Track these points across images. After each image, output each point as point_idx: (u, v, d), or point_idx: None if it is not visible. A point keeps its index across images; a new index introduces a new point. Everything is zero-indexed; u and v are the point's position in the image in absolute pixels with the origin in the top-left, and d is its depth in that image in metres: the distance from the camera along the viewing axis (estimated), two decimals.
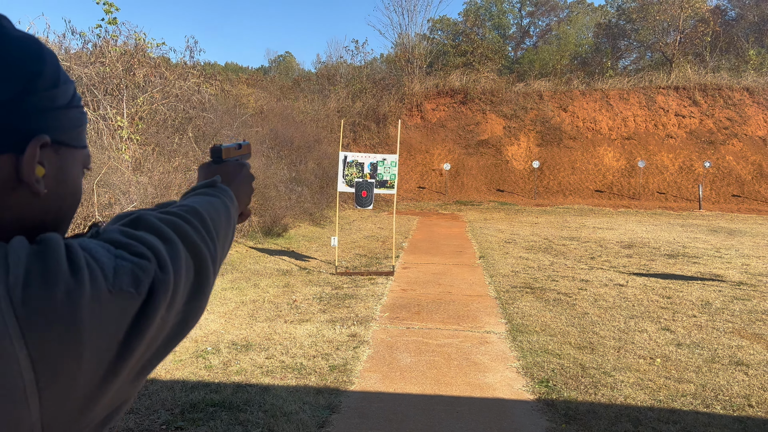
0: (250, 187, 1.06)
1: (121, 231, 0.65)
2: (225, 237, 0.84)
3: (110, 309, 0.56)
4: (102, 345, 0.56)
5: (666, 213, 20.06)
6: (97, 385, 0.56)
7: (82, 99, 0.70)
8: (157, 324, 0.62)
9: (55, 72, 0.65)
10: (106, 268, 0.57)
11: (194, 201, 0.81)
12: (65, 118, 0.66)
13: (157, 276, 0.61)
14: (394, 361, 4.94)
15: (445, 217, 18.43)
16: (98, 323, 0.55)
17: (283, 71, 44.54)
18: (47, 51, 0.65)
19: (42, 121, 0.63)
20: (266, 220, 11.79)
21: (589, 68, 35.06)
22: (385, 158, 8.86)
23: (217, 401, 4.02)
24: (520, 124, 26.87)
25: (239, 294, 7.28)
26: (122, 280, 0.58)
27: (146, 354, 0.62)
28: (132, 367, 0.60)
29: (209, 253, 0.73)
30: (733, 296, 7.42)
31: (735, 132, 25.34)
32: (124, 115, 10.41)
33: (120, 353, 0.58)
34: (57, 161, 0.66)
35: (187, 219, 0.73)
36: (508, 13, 45.06)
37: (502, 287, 7.85)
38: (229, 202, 0.90)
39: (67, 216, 0.70)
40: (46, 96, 0.63)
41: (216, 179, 0.94)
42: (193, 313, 0.70)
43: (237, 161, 1.06)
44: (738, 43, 33.04)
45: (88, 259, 0.57)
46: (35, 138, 0.61)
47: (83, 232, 0.67)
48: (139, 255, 0.61)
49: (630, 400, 4.18)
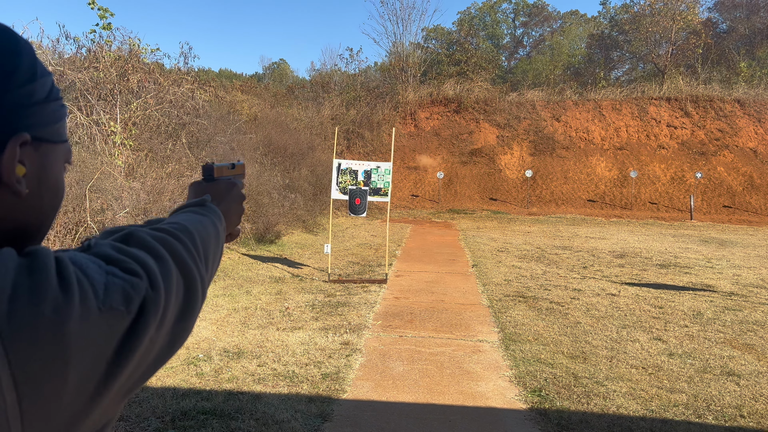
0: (240, 207, 1.04)
1: (113, 246, 0.63)
2: (214, 257, 0.82)
3: (99, 327, 0.54)
4: (89, 364, 0.53)
5: (658, 223, 20.17)
6: (82, 406, 0.54)
7: (60, 91, 0.68)
8: (146, 344, 0.59)
9: (32, 65, 0.62)
10: (96, 285, 0.55)
11: (184, 219, 0.80)
12: (44, 113, 0.63)
13: (148, 294, 0.59)
14: (387, 370, 4.92)
15: (438, 225, 18.45)
16: (86, 342, 0.53)
17: (278, 78, 44.63)
18: (23, 43, 0.62)
19: (20, 118, 0.60)
20: (259, 227, 11.76)
21: (582, 79, 35.35)
22: (379, 166, 8.87)
23: (208, 409, 3.99)
24: (513, 133, 26.99)
25: (231, 301, 7.24)
26: (113, 298, 0.56)
27: (134, 374, 0.60)
28: (119, 387, 0.58)
29: (198, 273, 0.71)
30: (725, 306, 7.46)
31: (726, 143, 25.55)
32: (117, 121, 10.37)
33: (108, 373, 0.55)
34: (38, 159, 0.63)
35: (178, 237, 0.71)
36: (502, 23, 45.38)
37: (495, 296, 7.86)
38: (218, 222, 0.88)
39: (49, 216, 0.68)
40: (23, 91, 0.60)
41: (206, 198, 0.92)
42: (180, 334, 0.67)
43: (229, 180, 1.04)
44: (729, 56, 33.40)
45: (78, 274, 0.54)
46: (14, 136, 0.59)
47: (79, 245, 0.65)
48: (130, 272, 0.59)
49: (622, 409, 4.18)
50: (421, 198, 24.40)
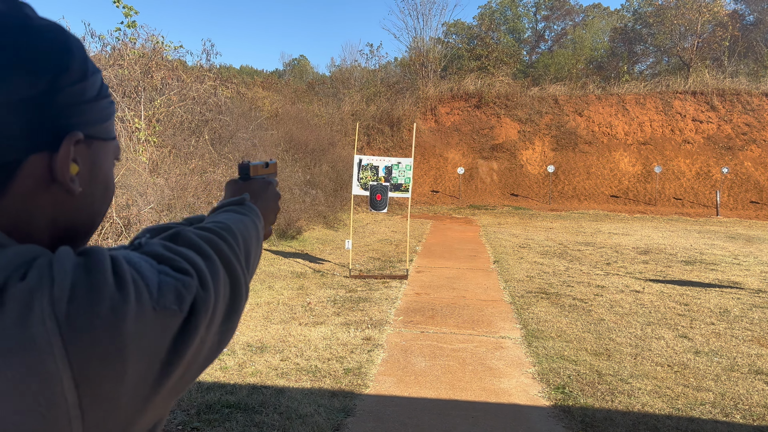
0: (276, 205, 1.04)
1: (164, 245, 0.63)
2: (255, 256, 0.82)
3: (154, 327, 0.54)
4: (145, 364, 0.54)
5: (683, 219, 19.85)
6: (139, 405, 0.54)
7: (108, 88, 0.68)
8: (197, 343, 0.60)
9: (83, 63, 0.62)
10: (151, 284, 0.55)
11: (227, 218, 0.80)
12: (95, 111, 0.63)
13: (198, 293, 0.59)
14: (409, 365, 4.93)
15: (459, 221, 18.38)
16: (142, 342, 0.53)
17: (298, 74, 44.73)
18: (74, 40, 0.61)
19: (73, 116, 0.60)
20: (280, 223, 11.83)
21: (605, 73, 34.85)
22: (399, 161, 8.86)
23: (232, 402, 4.03)
24: (535, 128, 26.74)
25: (254, 296, 7.31)
26: (166, 297, 0.56)
27: (185, 374, 0.60)
28: (172, 387, 0.58)
29: (242, 273, 0.71)
30: (752, 304, 7.32)
31: (753, 138, 25.03)
32: (141, 117, 10.51)
33: (162, 372, 0.56)
34: (90, 157, 0.64)
35: (223, 237, 0.71)
36: (523, 17, 44.90)
37: (517, 292, 7.81)
38: (257, 220, 0.88)
39: (101, 212, 0.68)
40: (75, 90, 0.60)
41: (245, 197, 0.93)
42: (227, 333, 0.68)
43: (264, 179, 1.05)
44: (757, 48, 32.67)
45: (133, 273, 0.54)
46: (68, 135, 0.59)
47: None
48: (182, 271, 0.60)
49: (648, 407, 4.13)
50: (442, 194, 24.32)
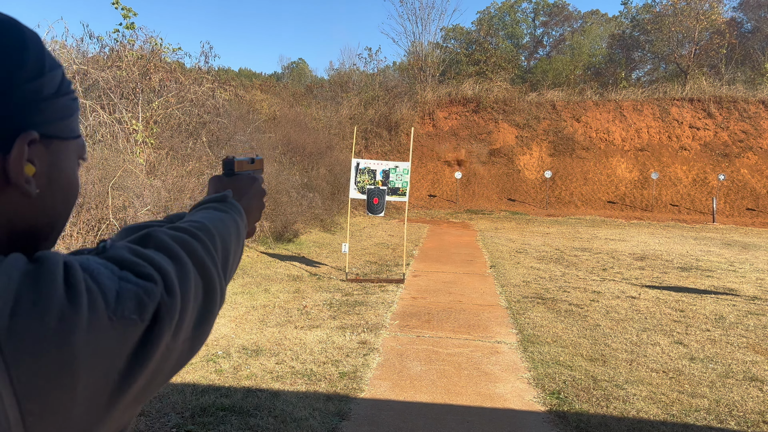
0: (261, 202, 1.01)
1: (129, 248, 0.60)
2: (234, 256, 0.79)
3: (109, 337, 0.51)
4: (99, 377, 0.50)
5: (679, 225, 19.90)
6: (95, 416, 0.51)
7: (71, 84, 0.65)
8: (162, 351, 0.56)
9: (40, 58, 0.58)
10: (108, 292, 0.52)
11: (205, 217, 0.77)
12: (54, 109, 0.60)
13: (163, 300, 0.56)
14: (404, 369, 4.92)
15: (456, 225, 18.39)
16: (95, 353, 0.50)
17: (296, 78, 44.78)
18: (29, 34, 0.58)
19: (28, 115, 0.57)
20: (277, 226, 11.82)
21: (603, 79, 34.97)
22: (397, 165, 8.87)
23: (227, 405, 4.02)
24: (532, 133, 26.80)
25: (250, 299, 7.29)
26: (125, 306, 0.53)
27: (150, 382, 0.57)
28: (134, 396, 0.55)
29: (218, 274, 0.68)
30: (748, 311, 7.34)
31: (750, 145, 25.12)
32: (139, 119, 10.50)
33: (121, 383, 0.53)
34: (48, 157, 0.60)
35: (198, 236, 0.68)
36: (522, 22, 45.03)
37: (513, 297, 7.81)
38: (239, 218, 0.85)
39: (62, 215, 0.65)
40: (30, 87, 0.57)
41: (227, 194, 0.90)
42: (199, 339, 0.65)
43: (249, 175, 1.02)
44: (754, 56, 32.82)
45: (88, 281, 0.51)
46: (21, 134, 0.56)
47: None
48: (145, 277, 0.56)
49: (642, 413, 4.13)
50: (439, 198, 24.34)
